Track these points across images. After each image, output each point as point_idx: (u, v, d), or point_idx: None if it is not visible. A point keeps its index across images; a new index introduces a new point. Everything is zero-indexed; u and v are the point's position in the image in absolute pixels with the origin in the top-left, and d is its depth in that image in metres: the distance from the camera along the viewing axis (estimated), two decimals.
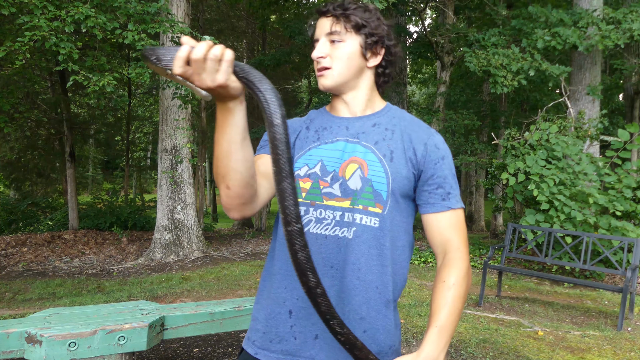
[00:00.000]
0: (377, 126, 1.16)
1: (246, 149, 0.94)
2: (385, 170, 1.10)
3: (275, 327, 1.12)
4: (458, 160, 9.90)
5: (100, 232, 10.05)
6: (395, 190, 1.10)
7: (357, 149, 1.12)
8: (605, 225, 6.06)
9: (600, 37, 7.25)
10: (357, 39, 1.14)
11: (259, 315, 1.17)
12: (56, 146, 12.97)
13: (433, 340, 1.00)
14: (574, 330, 4.19)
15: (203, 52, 0.80)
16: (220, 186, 0.99)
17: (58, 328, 2.40)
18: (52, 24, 4.96)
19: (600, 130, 7.77)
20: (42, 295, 5.70)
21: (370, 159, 1.11)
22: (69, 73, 6.05)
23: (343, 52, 1.13)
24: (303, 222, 1.07)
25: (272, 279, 1.15)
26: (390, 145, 1.13)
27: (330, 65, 1.14)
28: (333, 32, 1.13)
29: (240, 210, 1.02)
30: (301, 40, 10.80)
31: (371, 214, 1.09)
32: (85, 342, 2.37)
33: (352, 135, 1.15)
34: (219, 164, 0.96)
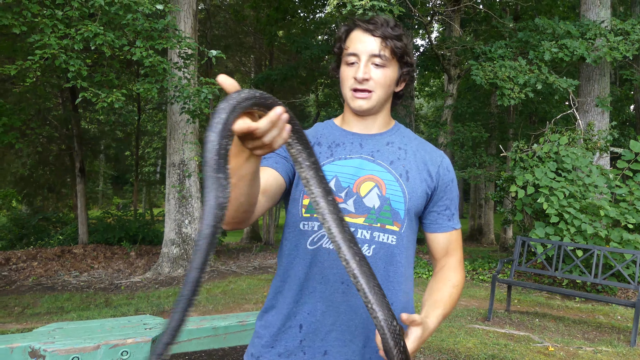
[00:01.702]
0: (390, 145, 1.18)
1: (254, 186, 0.91)
2: (402, 189, 1.13)
3: (285, 341, 1.12)
4: (466, 173, 9.84)
5: (109, 247, 10.11)
6: (411, 209, 1.13)
7: (373, 168, 1.14)
8: (616, 238, 5.96)
9: (609, 48, 7.22)
10: (397, 67, 1.15)
11: (265, 332, 1.16)
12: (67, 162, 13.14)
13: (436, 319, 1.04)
14: (585, 346, 4.09)
15: (260, 134, 0.74)
16: None
17: (61, 343, 2.40)
18: (61, 42, 5.06)
19: (609, 142, 7.69)
20: (50, 310, 5.72)
21: (387, 178, 1.13)
22: (78, 90, 6.16)
23: (386, 78, 1.13)
24: (316, 236, 1.11)
25: (282, 295, 1.15)
26: (406, 165, 1.16)
27: (373, 89, 1.13)
28: (380, 56, 1.11)
29: (231, 226, 1.01)
30: (308, 55, 10.90)
31: (389, 232, 1.12)
32: (88, 356, 2.37)
33: (367, 153, 1.16)
34: None
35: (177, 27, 6.50)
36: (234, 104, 0.69)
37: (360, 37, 1.12)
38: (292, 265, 1.14)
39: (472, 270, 8.06)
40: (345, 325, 1.09)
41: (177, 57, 7.04)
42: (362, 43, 1.11)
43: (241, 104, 0.70)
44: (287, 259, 1.15)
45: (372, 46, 1.11)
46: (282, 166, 1.13)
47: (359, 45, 1.11)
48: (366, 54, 1.11)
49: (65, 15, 5.23)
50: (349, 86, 1.13)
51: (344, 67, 1.15)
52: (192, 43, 6.40)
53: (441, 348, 3.92)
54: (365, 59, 1.11)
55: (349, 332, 1.09)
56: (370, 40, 1.11)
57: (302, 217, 1.13)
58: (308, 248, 1.12)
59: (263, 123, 0.72)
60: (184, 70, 6.68)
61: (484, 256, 9.51)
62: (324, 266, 1.10)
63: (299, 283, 1.12)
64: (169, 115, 8.11)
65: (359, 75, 1.10)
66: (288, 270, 1.15)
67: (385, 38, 1.11)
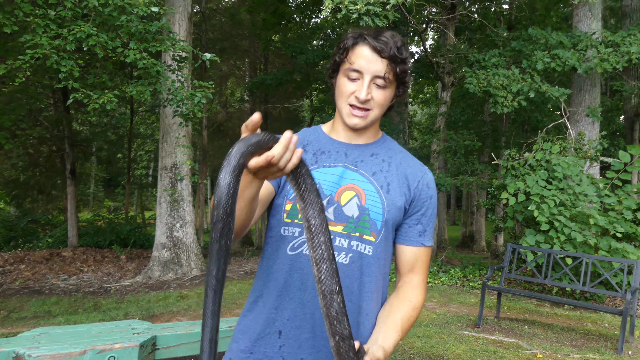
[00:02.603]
0: (374, 156, 1.19)
1: (254, 204, 0.96)
2: (382, 201, 1.13)
3: (264, 347, 1.11)
4: (459, 180, 9.88)
5: (100, 250, 10.01)
6: (389, 220, 1.14)
7: (355, 177, 1.15)
8: (605, 246, 6.01)
9: (599, 60, 7.31)
10: (395, 87, 1.16)
11: (244, 337, 1.15)
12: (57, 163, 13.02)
13: (389, 346, 1.04)
14: (573, 353, 4.11)
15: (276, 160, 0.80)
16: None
17: (47, 348, 2.37)
18: (53, 42, 5.03)
19: (599, 152, 7.76)
20: (37, 314, 5.64)
21: (368, 188, 1.14)
22: (70, 91, 6.12)
23: (385, 99, 1.14)
24: (297, 242, 1.11)
25: (262, 300, 1.14)
26: (387, 178, 1.16)
27: (372, 109, 1.13)
28: (384, 79, 1.11)
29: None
30: (303, 60, 10.91)
31: (366, 242, 1.12)
32: None
33: (351, 163, 1.16)
34: None
35: (171, 30, 6.49)
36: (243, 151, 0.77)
37: (368, 56, 1.10)
38: (272, 270, 1.14)
39: (462, 277, 8.08)
40: (320, 333, 1.09)
41: (170, 60, 7.02)
42: (368, 62, 1.09)
43: (248, 149, 0.79)
44: (267, 263, 1.16)
45: (378, 68, 1.09)
46: None
47: (365, 64, 1.10)
48: (371, 74, 1.10)
49: (57, 15, 5.20)
50: (348, 101, 1.13)
51: (343, 79, 1.13)
52: (187, 46, 6.39)
53: (431, 354, 3.92)
54: (368, 79, 1.10)
55: (323, 339, 1.10)
56: (377, 61, 1.09)
57: (283, 222, 1.13)
58: (288, 253, 1.12)
59: (277, 149, 0.79)
60: (177, 74, 6.67)
61: (474, 263, 9.54)
62: (303, 272, 1.10)
63: (279, 288, 1.12)
64: (162, 118, 8.08)
65: (361, 96, 1.10)
66: (268, 275, 1.15)
67: (392, 61, 1.09)
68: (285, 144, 0.79)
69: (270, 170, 0.82)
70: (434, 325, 4.95)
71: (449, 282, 7.73)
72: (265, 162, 0.78)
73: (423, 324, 4.98)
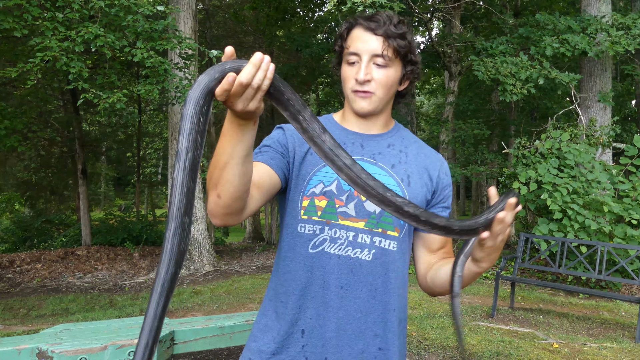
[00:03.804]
0: (391, 147, 1.16)
1: (247, 165, 0.90)
2: (403, 194, 1.11)
3: (287, 347, 1.09)
4: (468, 170, 9.83)
5: (113, 248, 10.13)
6: None
7: (374, 171, 1.11)
8: (620, 234, 5.95)
9: (610, 43, 7.20)
10: (400, 66, 1.11)
11: (264, 336, 1.13)
12: (69, 164, 13.16)
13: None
14: (590, 343, 4.09)
15: (247, 79, 0.74)
16: (211, 192, 0.95)
17: (69, 344, 2.41)
18: (62, 45, 5.07)
19: (612, 138, 7.67)
20: (55, 311, 5.73)
21: (389, 182, 1.11)
22: (80, 92, 6.17)
23: (388, 79, 1.09)
24: (317, 240, 1.08)
25: (282, 299, 1.12)
26: (407, 170, 1.14)
27: (374, 91, 1.09)
28: (382, 56, 1.07)
29: (224, 219, 0.98)
30: (308, 54, 10.89)
31: (390, 237, 1.10)
32: (95, 357, 2.37)
33: (369, 155, 1.13)
34: (214, 172, 0.91)
35: (177, 28, 6.50)
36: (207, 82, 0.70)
37: (362, 36, 1.08)
38: (290, 269, 1.11)
39: None
40: (342, 330, 1.08)
41: (177, 58, 7.04)
42: (363, 42, 1.07)
43: (215, 77, 0.72)
44: (284, 262, 1.13)
45: (374, 46, 1.06)
46: (277, 162, 1.09)
47: (360, 45, 1.07)
48: (367, 53, 1.07)
49: (65, 17, 5.23)
50: (350, 87, 1.10)
51: (345, 66, 1.11)
52: (193, 44, 6.40)
53: (446, 345, 3.93)
54: (366, 59, 1.07)
55: (347, 338, 1.08)
56: (372, 39, 1.07)
57: (300, 219, 1.10)
58: (309, 252, 1.09)
59: (248, 68, 0.73)
60: (184, 71, 6.69)
61: None
62: (325, 271, 1.07)
63: (301, 287, 1.09)
64: (170, 116, 8.12)
65: (359, 76, 1.07)
66: (286, 274, 1.12)
67: (387, 37, 1.06)
68: (256, 62, 0.73)
69: (245, 95, 0.76)
70: (448, 316, 4.96)
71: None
72: (229, 86, 0.72)
73: (437, 315, 4.98)
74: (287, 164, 1.12)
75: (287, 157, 1.13)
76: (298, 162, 1.13)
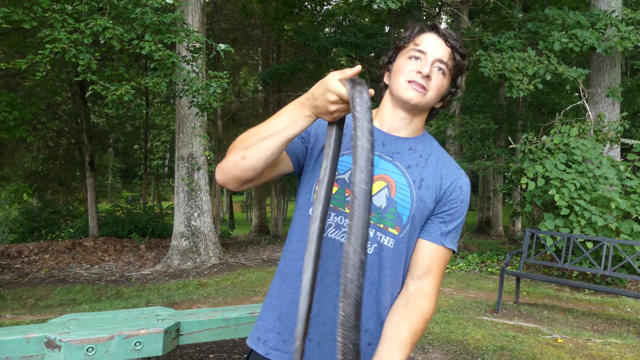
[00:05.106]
0: (412, 151, 1.18)
1: (283, 146, 1.03)
2: (412, 195, 1.12)
3: (291, 328, 1.12)
4: (475, 165, 9.80)
5: (119, 240, 10.22)
6: (416, 216, 1.13)
7: (389, 168, 1.14)
8: (627, 230, 5.92)
9: (620, 38, 7.12)
10: (449, 82, 1.18)
11: (270, 315, 1.17)
12: (76, 155, 13.26)
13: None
14: (595, 338, 4.09)
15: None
16: (236, 152, 1.05)
17: (76, 333, 2.45)
18: (71, 37, 5.10)
19: (620, 133, 7.61)
20: (63, 302, 5.81)
21: (400, 181, 1.13)
22: (88, 83, 6.20)
23: (442, 86, 1.15)
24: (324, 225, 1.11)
25: (288, 280, 1.15)
26: (422, 173, 1.15)
27: (429, 90, 1.13)
28: (445, 63, 1.14)
29: (230, 179, 1.08)
30: (316, 47, 10.85)
31: (389, 234, 1.12)
32: (102, 347, 2.41)
33: (387, 153, 1.15)
34: (252, 138, 1.03)
35: (185, 21, 6.51)
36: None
37: (434, 39, 1.14)
38: (297, 249, 1.15)
39: (480, 263, 8.05)
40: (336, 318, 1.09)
41: (185, 51, 7.06)
42: (434, 45, 1.13)
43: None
44: (291, 242, 1.17)
45: (443, 52, 1.13)
46: (293, 147, 1.15)
47: (430, 46, 1.13)
48: (434, 56, 1.13)
49: (74, 9, 5.25)
50: (407, 77, 1.13)
51: (404, 59, 1.15)
52: (201, 37, 6.41)
53: (450, 340, 3.94)
54: (431, 60, 1.12)
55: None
56: (443, 46, 1.14)
57: (312, 203, 1.14)
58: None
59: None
60: (192, 64, 6.70)
61: (492, 248, 9.49)
62: (327, 256, 1.10)
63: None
64: (178, 109, 8.15)
65: (425, 69, 1.11)
66: (292, 253, 1.16)
67: (454, 50, 1.14)
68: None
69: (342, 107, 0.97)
70: (453, 310, 4.97)
71: (466, 268, 7.71)
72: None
73: (441, 309, 4.99)
74: (305, 150, 1.17)
75: (307, 143, 1.17)
76: (318, 149, 1.17)
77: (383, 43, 11.34)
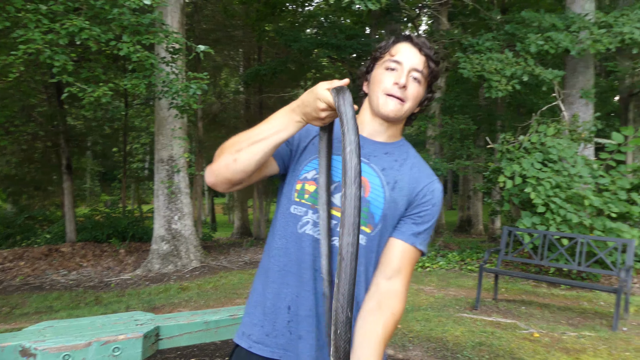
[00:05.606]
0: (388, 155, 1.23)
1: (272, 150, 1.09)
2: (385, 196, 1.17)
3: (273, 321, 1.16)
4: (454, 165, 9.93)
5: (98, 244, 10.03)
6: (388, 216, 1.17)
7: (365, 169, 1.18)
8: (600, 226, 6.08)
9: (592, 41, 7.31)
10: (424, 89, 1.23)
11: (256, 310, 1.20)
12: (53, 159, 12.97)
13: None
14: (569, 332, 4.19)
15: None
16: (227, 155, 1.09)
17: (52, 341, 2.40)
18: (46, 37, 5.00)
19: (593, 133, 7.80)
20: (39, 309, 5.68)
21: (375, 182, 1.17)
22: (64, 85, 6.09)
23: (418, 94, 1.21)
24: (302, 222, 1.17)
25: (272, 275, 1.19)
26: (396, 176, 1.20)
27: (406, 100, 1.19)
28: (421, 72, 1.19)
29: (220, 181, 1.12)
30: (297, 48, 10.86)
31: (361, 232, 1.15)
32: (79, 354, 2.37)
33: (364, 155, 1.20)
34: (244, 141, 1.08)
35: (164, 22, 6.45)
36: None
37: (409, 49, 1.19)
38: (278, 245, 1.19)
39: (460, 261, 8.17)
40: (315, 312, 1.14)
41: (164, 52, 6.98)
42: (408, 54, 1.18)
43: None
44: (273, 239, 1.21)
45: (417, 61, 1.18)
46: (280, 150, 1.20)
47: (405, 56, 1.18)
48: (410, 65, 1.18)
49: (49, 9, 5.15)
50: (385, 89, 1.18)
51: (381, 70, 1.20)
52: (180, 38, 6.36)
53: (430, 337, 3.99)
54: (407, 70, 1.17)
55: (318, 320, 1.14)
56: (417, 55, 1.19)
57: (293, 201, 1.18)
58: (297, 231, 1.17)
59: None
60: (171, 65, 6.64)
61: (472, 247, 9.63)
62: (304, 252, 1.15)
63: (284, 264, 1.17)
64: (157, 111, 8.06)
65: (401, 80, 1.16)
66: (274, 250, 1.20)
67: (428, 58, 1.19)
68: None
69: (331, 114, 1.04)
70: (433, 308, 5.03)
71: (447, 266, 7.81)
72: None
73: (422, 307, 5.05)
74: (290, 152, 1.22)
75: (291, 146, 1.23)
76: (300, 151, 1.23)
77: (364, 44, 11.41)
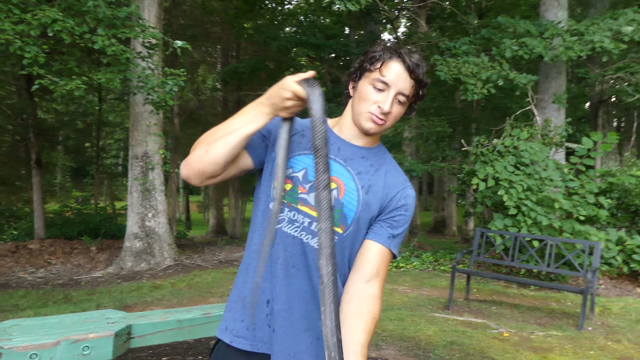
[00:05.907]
0: (365, 159, 1.25)
1: (243, 142, 1.12)
2: (358, 199, 1.19)
3: (254, 315, 1.18)
4: (429, 167, 10.07)
5: (69, 241, 9.77)
6: (361, 219, 1.20)
7: (340, 172, 1.20)
8: (569, 229, 6.27)
9: (565, 48, 7.52)
10: (405, 108, 1.24)
11: (236, 305, 1.22)
12: (22, 153, 12.57)
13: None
14: (537, 331, 4.31)
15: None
16: (200, 147, 1.12)
17: (19, 339, 2.34)
18: (17, 28, 4.84)
19: (564, 138, 8.03)
20: (4, 308, 5.50)
21: (349, 185, 1.20)
22: (35, 77, 5.91)
23: (399, 114, 1.22)
24: (279, 218, 1.19)
25: (251, 270, 1.20)
26: (370, 180, 1.22)
27: (387, 121, 1.20)
28: (407, 97, 1.19)
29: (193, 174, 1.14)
30: (276, 46, 10.82)
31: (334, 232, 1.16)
32: (47, 353, 2.31)
33: (342, 158, 1.22)
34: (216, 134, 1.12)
35: (141, 16, 6.33)
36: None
37: (399, 72, 1.17)
38: (259, 242, 1.21)
39: (434, 261, 8.29)
40: (292, 306, 1.16)
41: (140, 47, 6.86)
42: (398, 78, 1.17)
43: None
44: (251, 234, 1.24)
45: (406, 85, 1.18)
46: (254, 145, 1.21)
47: (395, 79, 1.17)
48: (397, 89, 1.18)
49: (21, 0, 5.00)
50: (369, 109, 1.19)
51: (368, 86, 1.19)
52: (157, 33, 6.26)
53: (403, 336, 4.05)
54: (393, 95, 1.17)
55: (295, 314, 1.16)
56: (406, 79, 1.18)
57: (272, 198, 1.20)
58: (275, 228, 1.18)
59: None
60: (147, 61, 6.52)
61: (446, 247, 9.79)
62: (280, 248, 1.17)
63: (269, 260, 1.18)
64: (132, 106, 7.90)
65: (385, 107, 1.17)
66: (253, 245, 1.22)
67: (417, 83, 1.20)
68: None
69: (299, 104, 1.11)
70: (406, 308, 5.10)
71: (420, 267, 7.92)
72: None
73: (395, 307, 5.11)
74: (266, 147, 1.23)
75: (267, 141, 1.23)
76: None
77: (343, 44, 11.45)
